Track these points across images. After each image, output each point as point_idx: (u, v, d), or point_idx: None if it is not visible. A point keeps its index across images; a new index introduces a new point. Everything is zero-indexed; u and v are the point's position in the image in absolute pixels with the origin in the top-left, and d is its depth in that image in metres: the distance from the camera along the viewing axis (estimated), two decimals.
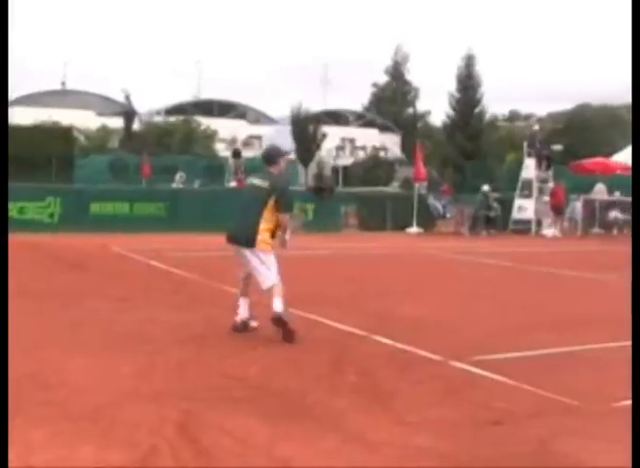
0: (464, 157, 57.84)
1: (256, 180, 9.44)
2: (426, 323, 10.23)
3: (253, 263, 9.07)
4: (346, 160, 73.14)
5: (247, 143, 72.01)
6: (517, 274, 16.82)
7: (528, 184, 30.87)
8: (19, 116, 51.15)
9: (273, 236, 9.18)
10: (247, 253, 9.06)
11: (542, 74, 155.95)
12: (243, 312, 9.38)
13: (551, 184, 30.93)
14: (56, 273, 14.51)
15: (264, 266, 9.04)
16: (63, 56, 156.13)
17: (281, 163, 9.58)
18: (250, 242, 8.98)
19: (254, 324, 9.41)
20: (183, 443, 5.29)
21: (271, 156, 9.63)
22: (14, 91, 73.21)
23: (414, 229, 29.07)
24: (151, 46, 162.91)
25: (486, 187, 30.46)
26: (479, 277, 16.02)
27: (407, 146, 70.51)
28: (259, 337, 8.95)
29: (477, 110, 65.53)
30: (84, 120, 58.67)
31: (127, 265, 16.01)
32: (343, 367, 7.61)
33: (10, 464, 4.80)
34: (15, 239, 19.83)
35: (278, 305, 8.95)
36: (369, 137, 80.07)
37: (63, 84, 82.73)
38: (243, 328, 9.29)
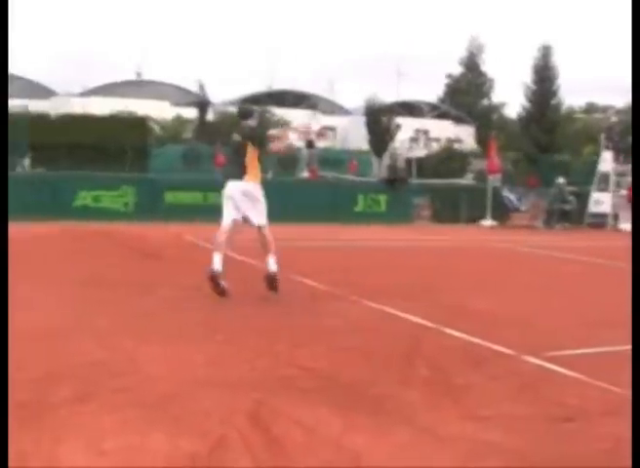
0: (539, 149, 57.06)
1: None
2: (499, 316, 10.13)
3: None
4: (420, 151, 72.75)
5: (320, 134, 72.09)
6: (592, 269, 16.58)
7: (605, 178, 30.41)
8: (95, 106, 51.91)
9: None
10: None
11: (621, 65, 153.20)
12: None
13: (630, 178, 30.40)
14: (129, 261, 14.68)
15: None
16: (139, 46, 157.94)
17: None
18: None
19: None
20: (254, 432, 5.30)
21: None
22: (90, 81, 74.44)
23: (487, 222, 28.89)
24: (225, 36, 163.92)
25: (561, 180, 30.09)
26: (553, 271, 15.82)
27: (481, 138, 69.88)
28: (327, 328, 8.95)
29: (553, 102, 64.57)
30: (159, 110, 59.29)
31: (200, 254, 16.09)
32: (415, 359, 7.56)
33: (81, 450, 4.87)
34: (90, 227, 20.20)
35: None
36: (443, 129, 79.56)
37: (139, 74, 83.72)
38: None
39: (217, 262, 10.66)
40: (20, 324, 8.57)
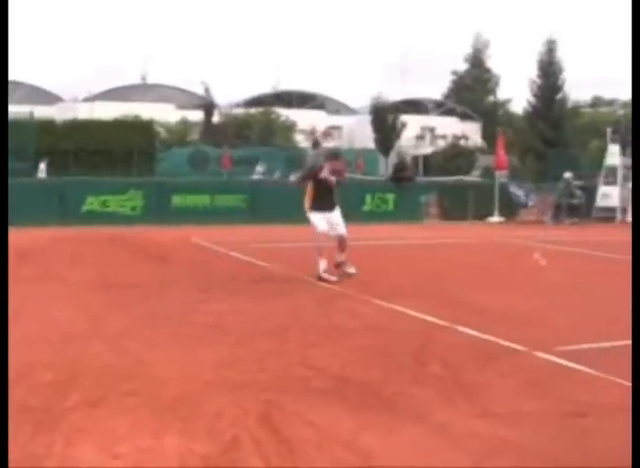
0: (546, 145, 56.90)
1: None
2: (509, 313, 10.09)
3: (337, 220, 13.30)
4: (426, 149, 72.69)
5: (326, 134, 72.09)
6: (601, 263, 16.52)
7: (612, 171, 30.32)
8: (100, 111, 51.93)
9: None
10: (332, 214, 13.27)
11: (626, 57, 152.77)
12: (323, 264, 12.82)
13: None
14: (138, 265, 14.67)
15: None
16: (143, 50, 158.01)
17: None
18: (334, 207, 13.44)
19: (351, 270, 13.01)
20: (265, 433, 5.29)
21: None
22: (95, 86, 74.55)
23: (495, 218, 28.84)
24: (230, 38, 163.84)
25: (568, 175, 30.03)
26: (562, 266, 15.77)
27: (487, 135, 69.81)
28: (339, 328, 8.93)
29: (559, 97, 64.38)
30: (164, 113, 59.27)
31: (208, 257, 16.12)
32: (426, 357, 7.53)
33: (94, 454, 4.86)
34: (97, 232, 20.20)
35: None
36: (449, 126, 79.45)
37: (144, 78, 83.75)
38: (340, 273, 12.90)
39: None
40: (31, 328, 8.57)
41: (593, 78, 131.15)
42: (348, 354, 7.69)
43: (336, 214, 13.39)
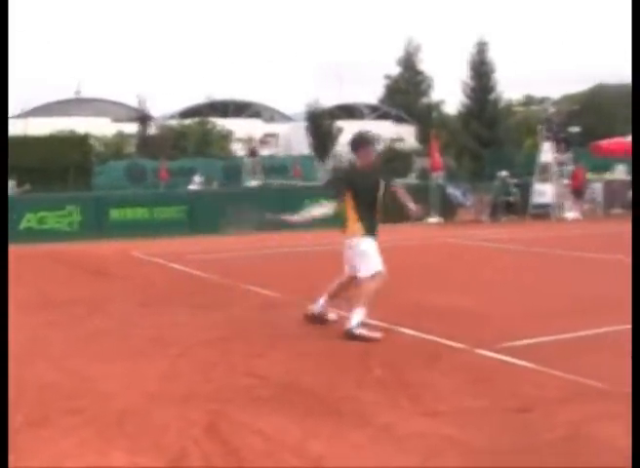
0: (481, 144, 57.42)
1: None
2: (450, 312, 10.18)
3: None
4: None
5: (263, 142, 72.08)
6: (539, 259, 16.73)
7: (546, 168, 30.66)
8: (35, 127, 51.29)
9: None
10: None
11: (556, 56, 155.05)
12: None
13: (570, 167, 30.71)
14: (78, 281, 14.53)
15: None
16: (76, 64, 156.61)
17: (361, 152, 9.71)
18: None
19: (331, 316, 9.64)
20: (212, 444, 5.28)
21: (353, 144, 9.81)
22: (28, 102, 73.63)
23: (434, 219, 29.03)
24: (164, 50, 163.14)
25: (504, 173, 30.37)
26: (501, 263, 15.95)
27: (423, 137, 70.27)
28: (282, 336, 8.93)
29: (492, 97, 65.02)
30: (100, 127, 58.82)
31: (148, 270, 16.01)
32: (369, 360, 7.58)
33: None
34: (36, 249, 19.97)
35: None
36: (384, 130, 79.77)
37: (78, 92, 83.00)
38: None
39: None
40: None
41: (524, 77, 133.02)
42: (292, 361, 7.70)
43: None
